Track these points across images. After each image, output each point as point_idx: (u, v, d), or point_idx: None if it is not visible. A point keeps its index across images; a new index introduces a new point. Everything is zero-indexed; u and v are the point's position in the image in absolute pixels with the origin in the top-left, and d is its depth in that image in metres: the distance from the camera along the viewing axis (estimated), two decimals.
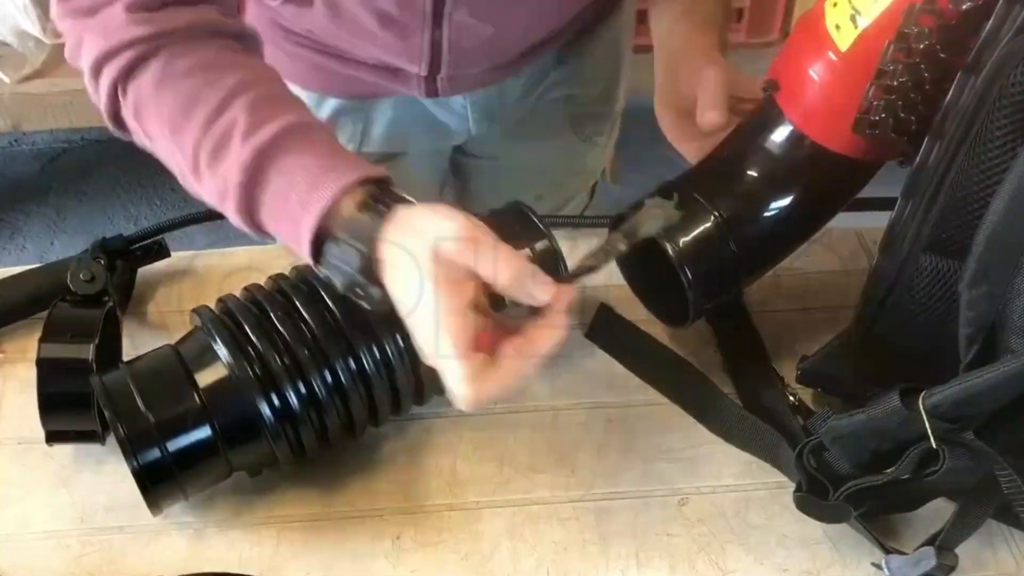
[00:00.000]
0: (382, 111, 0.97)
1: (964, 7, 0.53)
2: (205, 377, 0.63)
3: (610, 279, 0.80)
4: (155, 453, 0.61)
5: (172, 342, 0.67)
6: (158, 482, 0.62)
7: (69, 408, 0.66)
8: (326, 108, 0.95)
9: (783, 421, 0.72)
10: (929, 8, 0.55)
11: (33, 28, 1.58)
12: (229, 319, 0.65)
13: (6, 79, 1.57)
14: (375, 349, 0.65)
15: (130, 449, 0.60)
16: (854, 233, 0.89)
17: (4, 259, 2.05)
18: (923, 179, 0.56)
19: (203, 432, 0.62)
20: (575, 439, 0.73)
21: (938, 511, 0.65)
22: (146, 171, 2.20)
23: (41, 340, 0.67)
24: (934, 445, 0.56)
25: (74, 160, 2.25)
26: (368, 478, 0.71)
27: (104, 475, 0.70)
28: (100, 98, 0.64)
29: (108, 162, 2.23)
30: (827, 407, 0.68)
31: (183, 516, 0.68)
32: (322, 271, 0.57)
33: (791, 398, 0.73)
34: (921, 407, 0.55)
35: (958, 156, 0.54)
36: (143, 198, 2.15)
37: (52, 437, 0.67)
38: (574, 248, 0.85)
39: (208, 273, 0.85)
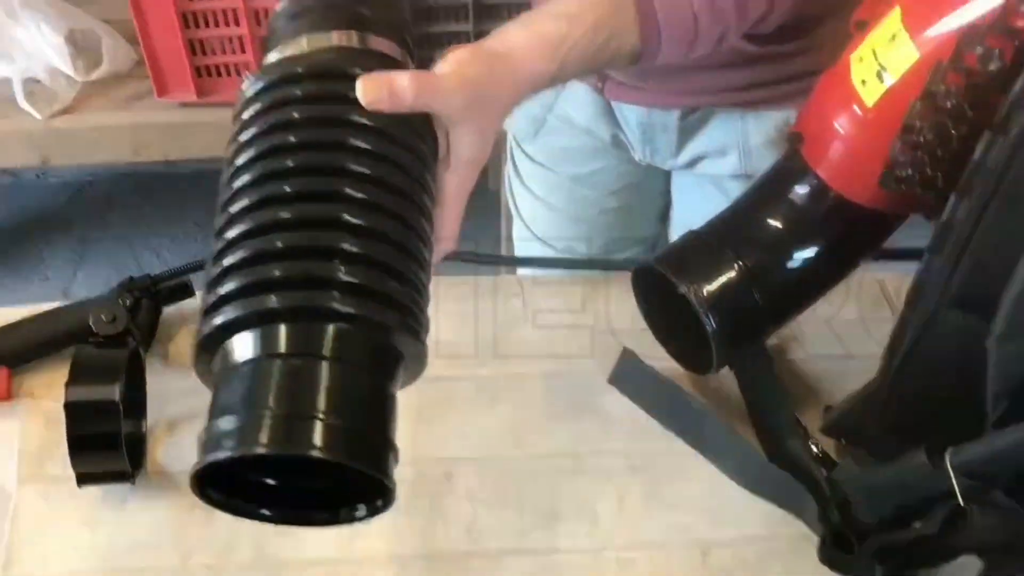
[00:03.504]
0: (572, 90, 1.00)
1: (992, 67, 0.54)
2: None
3: (634, 324, 0.80)
4: None
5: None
6: None
7: (99, 449, 0.66)
8: None
9: (807, 472, 0.71)
10: (956, 67, 0.55)
11: (65, 66, 1.60)
12: None
13: (37, 115, 1.59)
14: None
15: None
16: (876, 281, 0.89)
17: (28, 289, 2.07)
18: (950, 235, 0.56)
19: None
20: (596, 486, 0.73)
21: (965, 567, 0.65)
22: (169, 204, 2.22)
23: (67, 384, 0.68)
24: (961, 503, 0.56)
25: (99, 192, 2.28)
26: (388, 522, 0.70)
27: (127, 514, 0.71)
28: None
29: (132, 194, 2.26)
30: (851, 459, 0.67)
31: (204, 558, 0.68)
32: None
33: (814, 448, 0.73)
34: (948, 464, 0.55)
35: (986, 214, 0.54)
36: (165, 231, 2.17)
37: (83, 479, 0.68)
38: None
39: None
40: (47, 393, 0.79)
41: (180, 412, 0.77)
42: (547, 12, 0.64)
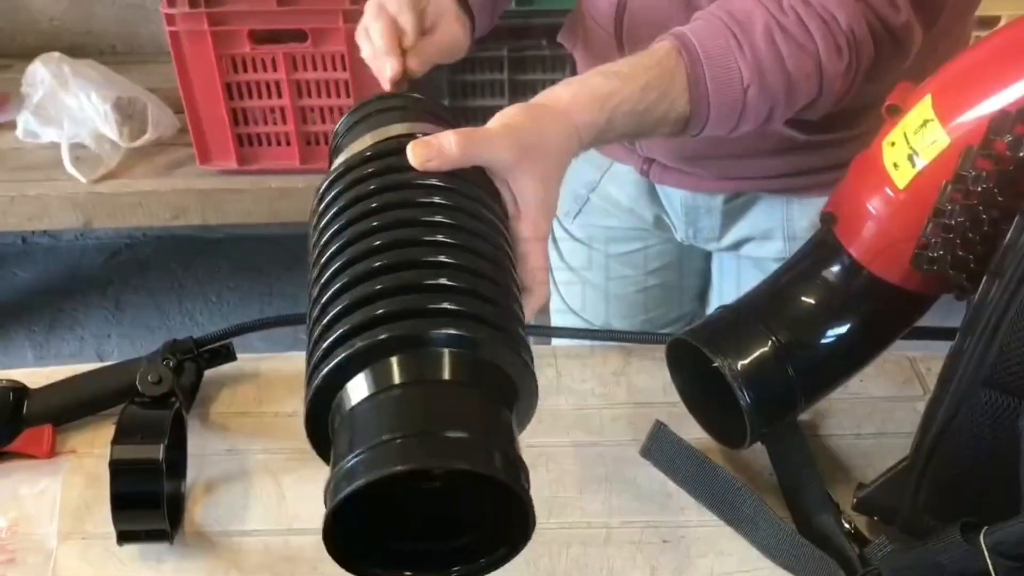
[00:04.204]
0: (617, 171, 1.02)
1: (1021, 153, 0.56)
2: None
3: (667, 396, 0.81)
4: None
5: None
6: None
7: (141, 508, 0.68)
8: None
9: (839, 548, 0.71)
10: (986, 152, 0.57)
11: (111, 132, 1.66)
12: None
13: (82, 179, 1.64)
14: None
15: None
16: (907, 359, 0.89)
17: (62, 349, 2.10)
18: (982, 316, 0.57)
19: None
20: (628, 558, 0.73)
21: None
22: (204, 268, 2.26)
23: (113, 442, 0.69)
24: None
25: (136, 255, 2.33)
26: None
27: (164, 574, 0.71)
28: None
29: (168, 258, 2.30)
30: (883, 536, 0.67)
31: None
32: None
33: (847, 525, 0.73)
34: (983, 543, 0.55)
35: (1017, 296, 0.55)
36: (199, 294, 2.21)
37: (124, 537, 0.69)
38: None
39: (272, 377, 0.87)
40: (89, 451, 0.80)
41: (218, 473, 0.79)
42: (597, 70, 0.67)
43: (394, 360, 0.48)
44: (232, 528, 0.75)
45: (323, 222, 0.56)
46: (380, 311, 0.49)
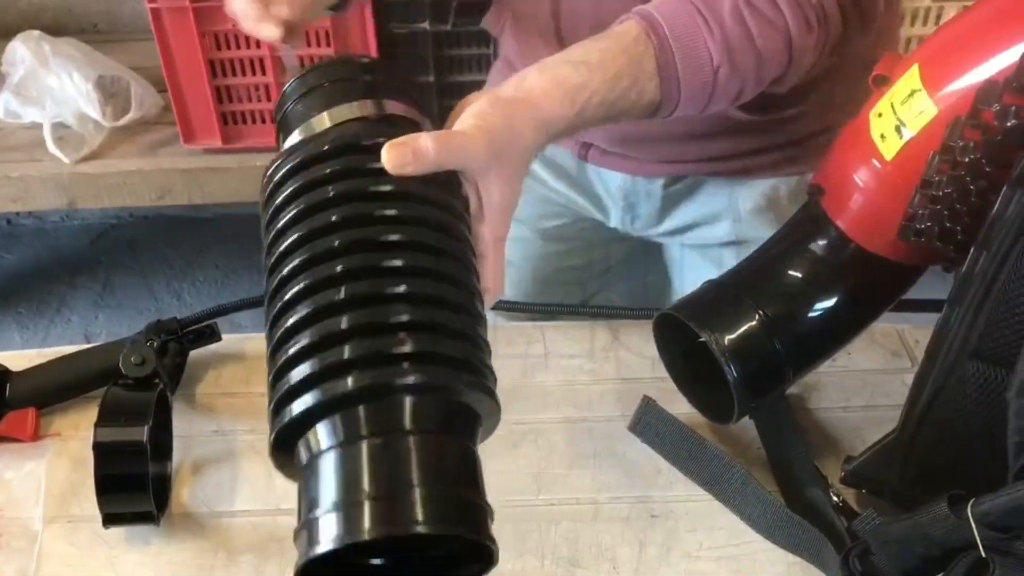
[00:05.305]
0: (551, 156, 1.00)
1: (1009, 123, 0.55)
2: None
3: (655, 372, 0.81)
4: None
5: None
6: None
7: (126, 490, 0.67)
8: None
9: (827, 521, 0.71)
10: (974, 123, 0.56)
11: (94, 112, 1.64)
12: None
13: (65, 159, 1.63)
14: None
15: None
16: (895, 332, 0.89)
17: (51, 331, 2.09)
18: (970, 288, 0.57)
19: None
20: (617, 533, 0.73)
21: None
22: (191, 248, 2.25)
23: (96, 424, 0.69)
24: (983, 554, 0.56)
25: (123, 236, 2.31)
26: None
27: (151, 556, 0.71)
28: None
29: (155, 238, 2.29)
30: (872, 508, 0.67)
31: None
32: None
33: (835, 498, 0.73)
34: (970, 515, 0.55)
35: (1004, 267, 0.54)
36: (187, 274, 2.20)
37: (109, 520, 0.69)
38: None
39: (257, 356, 0.87)
40: (74, 434, 0.80)
41: (204, 454, 0.78)
42: (565, 59, 0.65)
43: (362, 410, 0.47)
44: (219, 509, 0.74)
45: (280, 224, 0.53)
46: (346, 356, 0.47)
